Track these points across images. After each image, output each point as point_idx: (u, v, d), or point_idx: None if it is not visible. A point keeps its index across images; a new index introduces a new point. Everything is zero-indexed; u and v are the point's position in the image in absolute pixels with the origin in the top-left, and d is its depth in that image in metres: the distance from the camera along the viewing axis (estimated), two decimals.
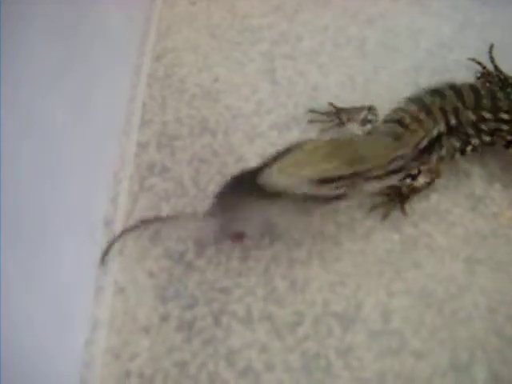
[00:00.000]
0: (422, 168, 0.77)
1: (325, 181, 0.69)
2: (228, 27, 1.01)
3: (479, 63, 0.92)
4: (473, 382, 0.66)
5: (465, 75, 0.90)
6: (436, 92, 0.78)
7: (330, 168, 0.69)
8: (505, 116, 0.78)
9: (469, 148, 0.79)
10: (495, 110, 0.78)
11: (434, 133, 0.76)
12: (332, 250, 0.75)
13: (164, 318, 0.71)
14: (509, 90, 0.83)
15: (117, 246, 0.76)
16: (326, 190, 0.69)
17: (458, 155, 0.79)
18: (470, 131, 0.77)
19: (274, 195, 0.68)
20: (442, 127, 0.76)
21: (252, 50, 0.97)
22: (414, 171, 0.77)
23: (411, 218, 0.78)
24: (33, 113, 0.66)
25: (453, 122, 0.77)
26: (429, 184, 0.77)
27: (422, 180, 0.77)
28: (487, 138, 0.78)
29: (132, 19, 1.00)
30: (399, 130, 0.76)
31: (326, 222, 0.77)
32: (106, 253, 0.75)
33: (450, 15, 1.01)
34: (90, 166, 0.78)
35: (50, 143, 0.70)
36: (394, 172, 0.74)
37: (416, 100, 0.78)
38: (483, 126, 0.77)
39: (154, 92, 0.92)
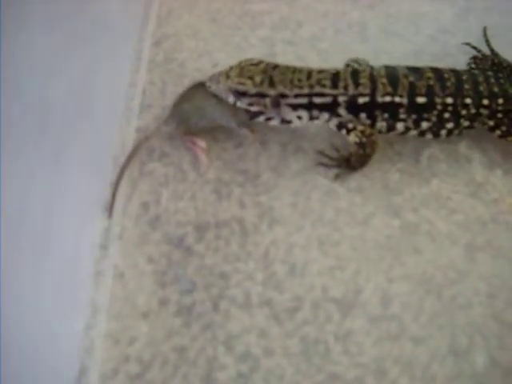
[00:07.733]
0: (357, 127, 0.77)
1: (242, 94, 0.76)
2: (228, 12, 1.00)
3: (474, 47, 0.91)
4: (471, 366, 0.67)
5: (466, 60, 0.89)
6: (415, 69, 0.78)
7: (247, 83, 0.76)
8: (485, 101, 0.77)
9: (443, 131, 0.79)
10: (477, 95, 0.77)
11: (386, 99, 0.76)
12: (331, 234, 0.75)
13: (163, 303, 0.71)
14: (500, 75, 0.82)
15: (116, 231, 0.76)
16: (245, 103, 0.77)
17: (429, 136, 0.79)
18: (446, 115, 0.77)
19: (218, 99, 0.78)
20: (401, 99, 0.76)
21: (252, 35, 0.97)
22: (351, 126, 0.77)
23: (411, 204, 0.78)
24: (34, 98, 0.67)
25: (420, 100, 0.76)
26: (361, 147, 0.77)
27: (352, 138, 0.77)
28: (465, 123, 0.78)
29: (132, 4, 1.00)
30: (345, 75, 0.77)
31: (325, 207, 0.77)
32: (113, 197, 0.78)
33: (451, 0, 1.00)
34: (90, 151, 0.78)
35: (51, 128, 0.70)
36: (320, 108, 0.77)
37: (390, 68, 0.78)
38: (463, 112, 0.77)
39: (154, 77, 0.92)
